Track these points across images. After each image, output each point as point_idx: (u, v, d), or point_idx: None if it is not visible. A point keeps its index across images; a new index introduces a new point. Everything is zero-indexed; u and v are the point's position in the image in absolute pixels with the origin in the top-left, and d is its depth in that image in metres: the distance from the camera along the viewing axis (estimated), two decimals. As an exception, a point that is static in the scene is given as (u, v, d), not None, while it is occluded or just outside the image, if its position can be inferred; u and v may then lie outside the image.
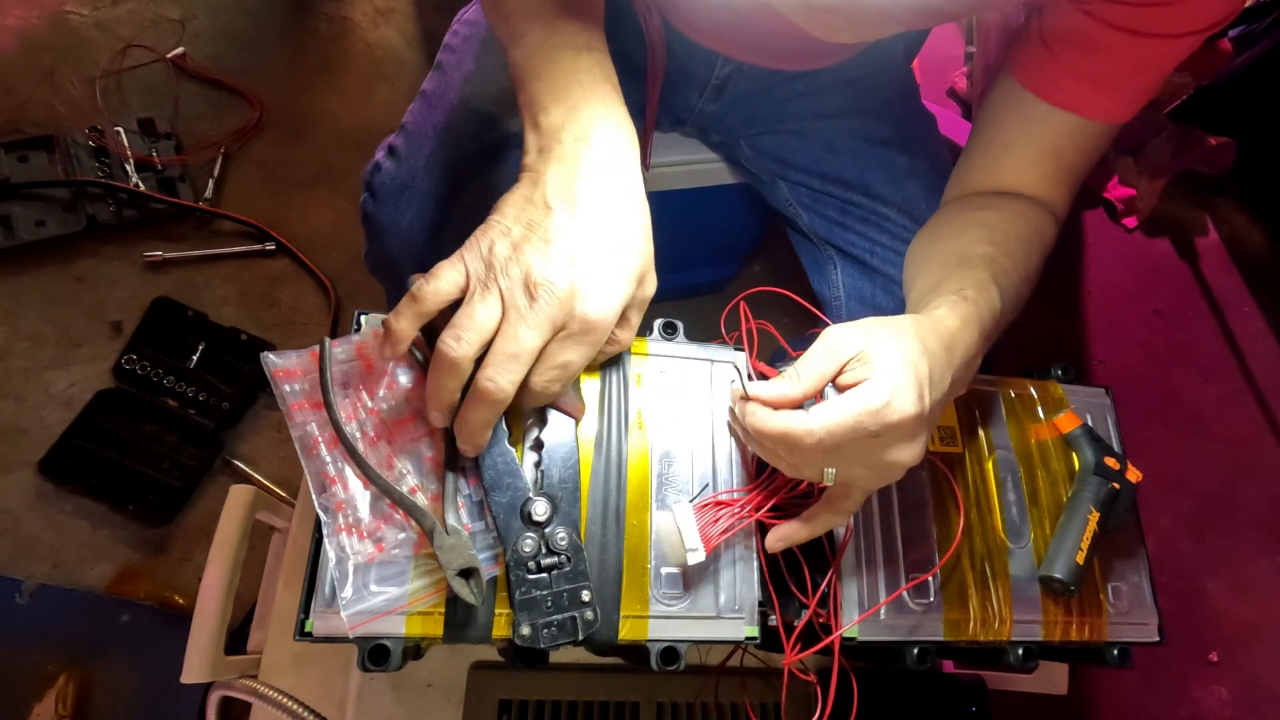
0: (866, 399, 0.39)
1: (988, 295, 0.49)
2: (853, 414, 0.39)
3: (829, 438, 0.39)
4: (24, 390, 1.07)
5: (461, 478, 0.45)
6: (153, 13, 1.33)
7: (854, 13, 0.55)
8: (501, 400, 0.40)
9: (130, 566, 1.02)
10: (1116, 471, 0.56)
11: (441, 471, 0.45)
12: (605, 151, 0.45)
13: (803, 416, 0.40)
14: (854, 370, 0.41)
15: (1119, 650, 0.54)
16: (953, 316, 0.46)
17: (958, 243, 0.56)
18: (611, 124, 0.46)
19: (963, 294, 0.48)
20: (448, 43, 0.72)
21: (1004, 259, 0.53)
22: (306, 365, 0.46)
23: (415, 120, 0.68)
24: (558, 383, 0.42)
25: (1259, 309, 1.57)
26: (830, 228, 0.76)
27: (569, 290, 0.40)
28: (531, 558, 0.43)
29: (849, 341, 0.42)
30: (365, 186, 0.68)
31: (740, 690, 0.59)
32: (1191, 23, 0.50)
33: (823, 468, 0.41)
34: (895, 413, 0.40)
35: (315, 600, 0.43)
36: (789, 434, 0.40)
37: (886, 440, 0.41)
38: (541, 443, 0.46)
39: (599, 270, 0.42)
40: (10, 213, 1.10)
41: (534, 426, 0.47)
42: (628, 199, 0.45)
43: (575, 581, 0.43)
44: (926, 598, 0.50)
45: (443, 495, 0.44)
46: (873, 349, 0.41)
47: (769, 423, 0.41)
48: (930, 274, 0.54)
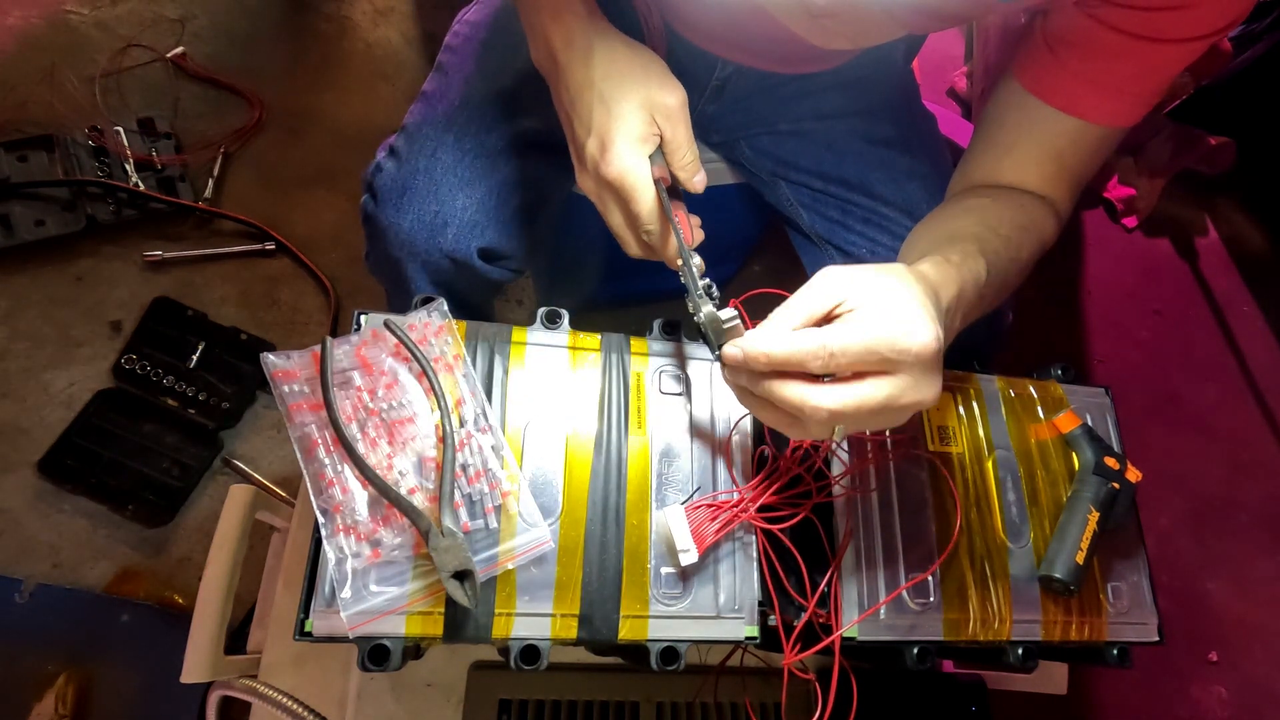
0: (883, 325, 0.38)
1: (972, 265, 0.49)
2: (873, 339, 0.38)
3: (844, 356, 0.38)
4: (24, 390, 1.06)
5: (460, 476, 0.45)
6: (153, 12, 1.33)
7: (853, 19, 0.55)
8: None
9: (130, 566, 1.02)
10: (1116, 471, 0.56)
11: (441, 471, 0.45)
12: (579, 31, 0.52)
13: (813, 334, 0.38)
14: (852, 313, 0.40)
15: (1118, 650, 0.54)
16: (933, 272, 0.46)
17: (951, 224, 0.57)
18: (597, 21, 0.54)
19: (947, 258, 0.48)
20: (448, 43, 0.72)
21: (994, 240, 0.53)
22: (306, 365, 0.46)
23: (416, 121, 0.68)
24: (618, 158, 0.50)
25: (1259, 309, 1.57)
26: (831, 228, 0.76)
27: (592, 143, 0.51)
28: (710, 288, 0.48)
29: (840, 282, 0.41)
30: (366, 187, 0.68)
31: (740, 690, 0.59)
32: (1198, 28, 0.50)
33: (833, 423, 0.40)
34: (917, 343, 0.38)
35: (315, 600, 0.43)
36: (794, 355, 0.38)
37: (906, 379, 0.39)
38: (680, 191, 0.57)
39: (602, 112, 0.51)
40: (10, 212, 1.10)
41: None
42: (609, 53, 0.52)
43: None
44: (926, 597, 0.50)
45: (439, 496, 0.44)
46: (873, 290, 0.40)
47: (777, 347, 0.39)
48: (918, 249, 0.54)
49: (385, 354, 0.48)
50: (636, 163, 0.51)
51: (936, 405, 0.54)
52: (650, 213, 0.52)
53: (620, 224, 0.54)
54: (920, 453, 0.55)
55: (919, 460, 0.54)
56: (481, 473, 0.46)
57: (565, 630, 0.45)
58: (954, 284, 0.46)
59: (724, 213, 0.99)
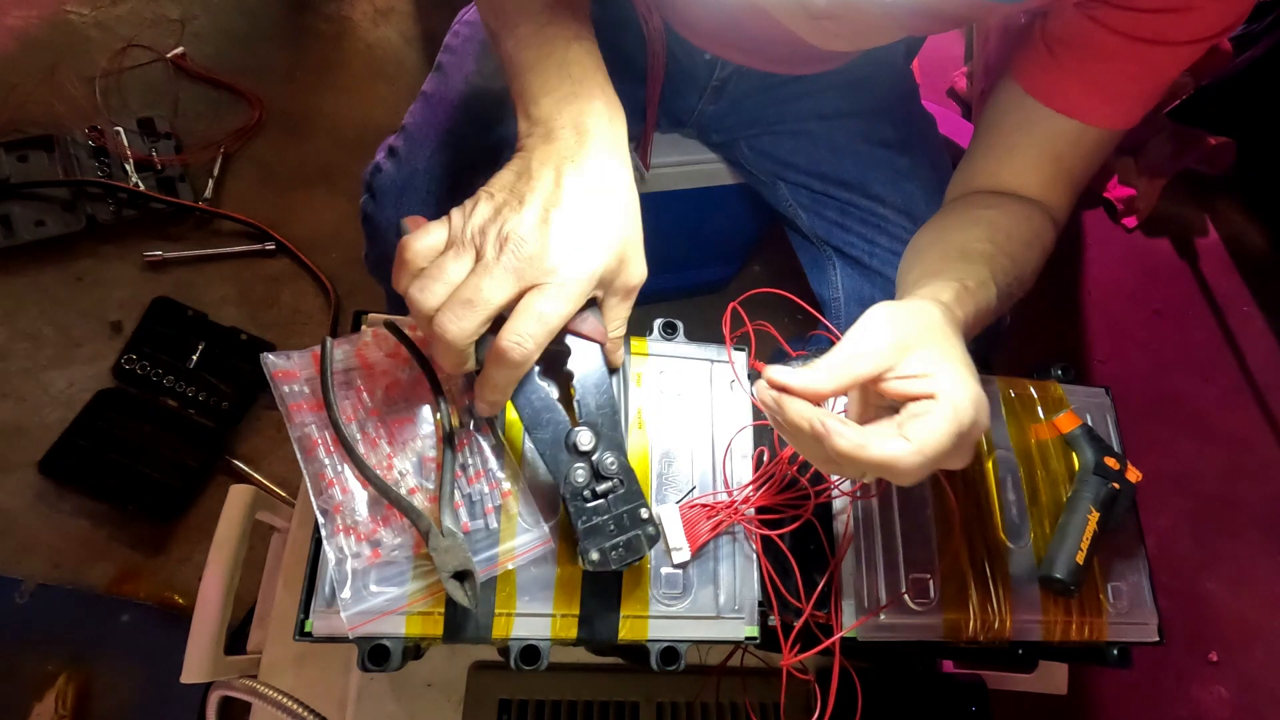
0: (959, 419, 0.39)
1: (986, 293, 0.49)
2: (950, 438, 0.38)
3: (927, 461, 0.38)
4: (24, 390, 1.06)
5: (460, 476, 0.45)
6: (153, 12, 1.33)
7: (853, 21, 0.55)
8: (452, 343, 0.40)
9: (130, 566, 1.02)
10: (1116, 471, 0.56)
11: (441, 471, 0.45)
12: (595, 136, 0.45)
13: (905, 447, 0.38)
14: (911, 382, 0.40)
15: (1118, 650, 0.54)
16: (958, 307, 0.46)
17: (961, 236, 0.56)
18: (602, 111, 0.46)
19: (966, 285, 0.48)
20: (448, 44, 0.72)
21: (1003, 258, 0.53)
22: (306, 366, 0.46)
23: (415, 121, 0.68)
24: (533, 337, 0.40)
25: (1259, 309, 1.57)
26: (829, 228, 0.76)
27: (540, 247, 0.40)
28: (585, 486, 0.43)
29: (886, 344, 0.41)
30: (365, 187, 0.68)
31: (740, 690, 0.59)
32: (1198, 30, 0.50)
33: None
34: (977, 426, 0.39)
35: (315, 600, 0.43)
36: (893, 464, 0.38)
37: (959, 450, 0.40)
38: (570, 374, 0.45)
39: (574, 233, 0.41)
40: (10, 212, 1.10)
41: (560, 359, 0.46)
42: (615, 180, 0.44)
43: (631, 501, 0.43)
44: (926, 598, 0.50)
45: (439, 497, 0.44)
46: (926, 357, 0.41)
47: (869, 451, 0.38)
48: (929, 261, 0.54)
49: (386, 355, 0.48)
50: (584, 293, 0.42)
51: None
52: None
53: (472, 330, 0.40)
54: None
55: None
56: (481, 473, 0.46)
57: (565, 630, 0.45)
58: (971, 315, 0.47)
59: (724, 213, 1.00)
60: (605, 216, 0.43)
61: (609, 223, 0.43)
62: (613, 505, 0.43)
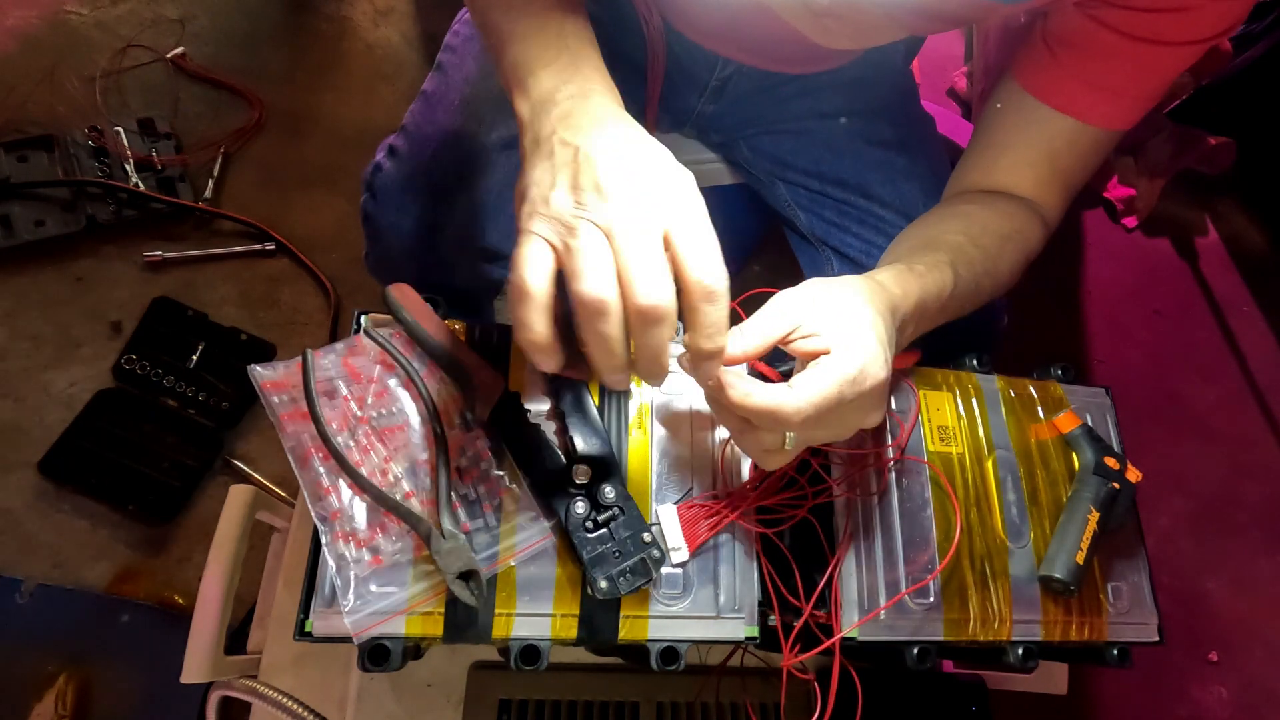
0: (843, 369, 0.40)
1: (938, 275, 0.49)
2: (835, 386, 0.40)
3: (815, 411, 0.39)
4: (24, 390, 1.06)
5: (456, 477, 0.45)
6: (153, 13, 1.33)
7: (855, 18, 0.55)
8: (664, 310, 0.35)
9: (130, 566, 1.02)
10: (1116, 471, 0.56)
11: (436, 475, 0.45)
12: (604, 105, 0.42)
13: (788, 393, 0.40)
14: (810, 339, 0.42)
15: (1119, 650, 0.54)
16: (894, 284, 0.47)
17: (933, 229, 0.57)
18: (604, 88, 0.43)
19: (912, 267, 0.49)
20: (448, 43, 0.72)
21: (972, 249, 0.53)
22: (294, 376, 0.46)
23: (416, 121, 0.68)
24: (714, 256, 0.37)
25: (1259, 309, 1.57)
26: (828, 229, 0.76)
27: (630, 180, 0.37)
28: (586, 518, 0.44)
29: (797, 306, 0.43)
30: (366, 187, 0.68)
31: (740, 690, 0.59)
32: (1198, 31, 0.50)
33: (785, 434, 0.41)
34: (870, 379, 0.41)
35: (315, 600, 0.43)
36: (776, 410, 0.39)
37: (858, 406, 0.41)
38: (561, 412, 0.46)
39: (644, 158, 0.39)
40: (10, 213, 1.10)
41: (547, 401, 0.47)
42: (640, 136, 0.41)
43: (634, 527, 0.44)
44: (926, 598, 0.50)
45: (436, 499, 0.44)
46: (829, 316, 0.42)
47: (753, 399, 0.40)
48: (895, 252, 0.55)
49: (372, 361, 0.48)
50: None
51: (936, 406, 0.55)
52: None
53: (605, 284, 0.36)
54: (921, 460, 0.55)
55: (919, 461, 0.54)
56: (477, 472, 0.46)
57: (565, 630, 0.45)
58: (914, 295, 0.47)
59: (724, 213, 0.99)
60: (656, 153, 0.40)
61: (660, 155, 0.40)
62: (616, 532, 0.44)
